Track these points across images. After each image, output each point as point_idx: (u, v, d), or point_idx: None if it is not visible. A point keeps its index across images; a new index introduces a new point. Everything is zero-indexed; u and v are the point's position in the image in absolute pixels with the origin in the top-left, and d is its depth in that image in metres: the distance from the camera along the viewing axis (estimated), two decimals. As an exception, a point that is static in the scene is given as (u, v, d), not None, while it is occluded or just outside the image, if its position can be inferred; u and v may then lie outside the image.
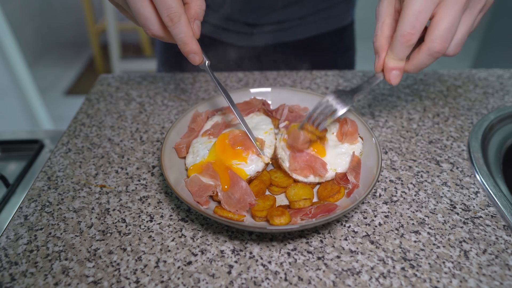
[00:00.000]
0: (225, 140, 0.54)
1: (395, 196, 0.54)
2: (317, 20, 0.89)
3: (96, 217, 0.52)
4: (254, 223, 0.48)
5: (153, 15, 0.48)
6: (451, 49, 0.50)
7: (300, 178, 0.54)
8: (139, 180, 0.58)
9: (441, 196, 0.54)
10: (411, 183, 0.56)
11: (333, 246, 0.47)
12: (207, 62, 0.54)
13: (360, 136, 0.58)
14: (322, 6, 0.87)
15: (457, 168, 0.59)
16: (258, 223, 0.48)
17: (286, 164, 0.56)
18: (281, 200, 0.53)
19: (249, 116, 0.62)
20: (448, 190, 0.55)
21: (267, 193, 0.54)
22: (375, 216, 0.51)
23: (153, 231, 0.49)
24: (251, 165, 0.53)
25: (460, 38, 0.49)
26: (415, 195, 0.54)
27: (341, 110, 0.51)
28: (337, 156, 0.55)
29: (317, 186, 0.54)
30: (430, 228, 0.49)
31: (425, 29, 0.49)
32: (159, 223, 0.51)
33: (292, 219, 0.46)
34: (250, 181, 0.53)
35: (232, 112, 0.63)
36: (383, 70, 0.52)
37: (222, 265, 0.45)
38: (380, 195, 0.54)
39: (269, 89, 0.67)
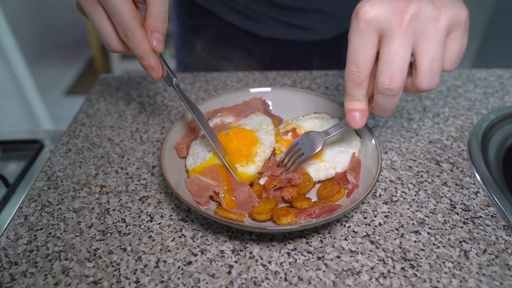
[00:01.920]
0: (226, 141, 0.54)
1: (395, 196, 0.54)
2: (337, 22, 0.90)
3: (96, 217, 0.52)
4: (254, 223, 0.48)
5: (111, 32, 0.48)
6: (423, 83, 0.42)
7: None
8: (139, 180, 0.58)
9: (441, 196, 0.54)
10: (411, 183, 0.56)
11: (333, 246, 0.47)
12: (174, 80, 0.52)
13: (358, 134, 0.58)
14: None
15: (457, 168, 0.59)
16: (258, 223, 0.48)
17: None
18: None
19: (249, 117, 0.62)
20: (448, 190, 0.55)
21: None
22: (375, 216, 0.51)
23: (153, 231, 0.49)
24: (252, 166, 0.53)
25: (427, 68, 0.41)
26: (415, 195, 0.54)
27: (311, 154, 0.52)
28: (336, 154, 0.55)
29: (317, 186, 0.54)
30: (430, 228, 0.49)
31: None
32: (159, 223, 0.51)
33: (295, 219, 0.46)
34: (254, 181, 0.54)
35: (231, 113, 0.63)
36: None
37: (222, 265, 0.45)
38: (380, 195, 0.54)
39: (269, 89, 0.67)
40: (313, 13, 0.86)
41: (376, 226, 0.50)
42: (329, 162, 0.55)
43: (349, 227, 0.50)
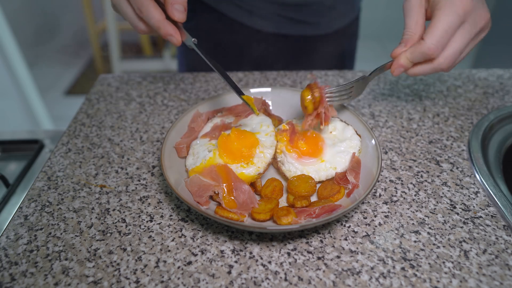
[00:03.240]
0: (227, 142, 0.54)
1: (395, 196, 0.54)
2: (337, 16, 0.92)
3: (96, 217, 0.52)
4: (254, 223, 0.48)
5: (134, 16, 0.54)
6: (449, 69, 0.56)
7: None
8: (139, 180, 0.58)
9: (441, 196, 0.54)
10: (411, 183, 0.56)
11: (333, 246, 0.47)
12: (193, 39, 0.55)
13: (357, 134, 0.58)
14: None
15: (457, 168, 0.59)
16: (258, 223, 0.48)
17: (285, 167, 0.56)
18: (281, 201, 0.53)
19: (249, 117, 0.62)
20: (448, 190, 0.55)
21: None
22: (375, 216, 0.51)
23: (153, 231, 0.49)
24: (252, 167, 0.53)
25: (459, 60, 0.55)
26: (415, 195, 0.54)
27: (352, 99, 0.58)
28: (336, 154, 0.55)
29: (318, 186, 0.54)
30: (430, 228, 0.49)
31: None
32: (159, 223, 0.51)
33: (295, 219, 0.46)
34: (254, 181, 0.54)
35: (231, 113, 0.63)
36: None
37: (222, 265, 0.45)
38: (380, 195, 0.54)
39: (269, 89, 0.67)
40: (314, 7, 0.87)
41: (376, 226, 0.50)
42: (329, 162, 0.55)
43: (349, 227, 0.50)
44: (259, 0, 0.84)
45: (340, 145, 0.56)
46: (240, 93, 0.56)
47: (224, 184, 0.50)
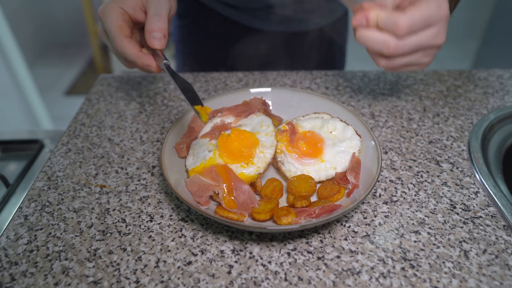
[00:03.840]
0: (227, 142, 0.54)
1: (395, 196, 0.54)
2: (328, 11, 0.93)
3: (96, 217, 0.52)
4: (254, 223, 0.48)
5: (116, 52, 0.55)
6: (390, 64, 0.56)
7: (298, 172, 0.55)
8: (139, 180, 0.58)
9: (441, 196, 0.54)
10: (411, 183, 0.56)
11: (333, 246, 0.47)
12: (164, 61, 0.55)
13: (357, 134, 0.58)
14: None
15: (457, 168, 0.59)
16: (258, 223, 0.48)
17: (285, 167, 0.56)
18: (281, 201, 0.53)
19: (249, 117, 0.62)
20: (448, 190, 0.55)
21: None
22: (375, 216, 0.51)
23: (153, 231, 0.49)
24: (252, 167, 0.53)
25: (404, 63, 0.56)
26: (415, 195, 0.54)
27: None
28: (336, 154, 0.55)
29: (318, 186, 0.54)
30: (430, 228, 0.49)
31: None
32: (159, 223, 0.51)
33: (295, 219, 0.46)
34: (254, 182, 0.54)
35: (231, 113, 0.63)
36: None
37: (222, 265, 0.45)
38: (380, 195, 0.54)
39: (269, 89, 0.67)
40: (303, 5, 0.89)
41: (376, 226, 0.50)
42: (329, 162, 0.55)
43: (349, 227, 0.50)
44: (247, 1, 0.86)
45: (340, 145, 0.56)
46: (194, 103, 0.53)
47: (224, 184, 0.50)
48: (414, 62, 0.56)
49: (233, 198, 0.49)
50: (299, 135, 0.58)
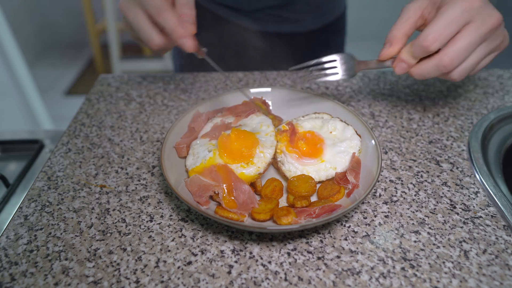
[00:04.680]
0: (227, 142, 0.54)
1: (395, 196, 0.54)
2: (323, 13, 0.93)
3: (96, 217, 0.52)
4: (254, 223, 0.48)
5: (150, 26, 0.55)
6: (457, 73, 0.52)
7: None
8: (139, 180, 0.58)
9: (441, 196, 0.54)
10: (411, 183, 0.56)
11: (333, 246, 0.47)
12: (203, 48, 0.56)
13: (357, 134, 0.58)
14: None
15: (457, 168, 0.59)
16: (258, 223, 0.48)
17: (285, 167, 0.56)
18: (282, 201, 0.53)
19: (249, 117, 0.62)
20: (448, 190, 0.55)
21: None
22: (375, 216, 0.51)
23: (153, 231, 0.49)
24: (252, 167, 0.53)
25: (469, 65, 0.51)
26: (415, 195, 0.54)
27: (341, 76, 0.55)
28: (336, 154, 0.55)
29: (318, 186, 0.54)
30: (430, 228, 0.49)
31: None
32: (159, 223, 0.51)
33: (295, 219, 0.46)
34: (254, 182, 0.54)
35: (231, 113, 0.63)
36: (393, 60, 0.56)
37: (222, 265, 0.45)
38: (380, 195, 0.54)
39: (269, 89, 0.67)
40: (300, 6, 0.89)
41: (376, 226, 0.50)
42: (329, 162, 0.55)
43: (349, 227, 0.50)
44: (243, 2, 0.86)
45: (340, 145, 0.56)
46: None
47: (224, 184, 0.50)
48: (482, 54, 0.52)
49: (233, 198, 0.49)
50: (299, 135, 0.58)
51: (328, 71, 0.56)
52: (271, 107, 0.67)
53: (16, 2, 2.99)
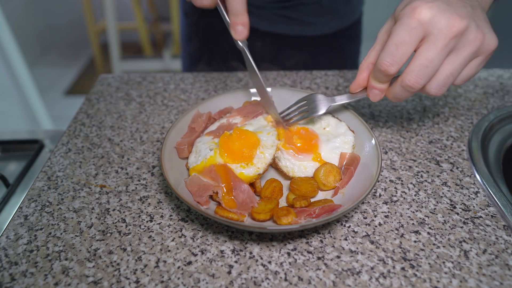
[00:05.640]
0: (228, 142, 0.54)
1: (395, 196, 0.54)
2: (336, 17, 0.91)
3: (96, 217, 0.52)
4: (254, 223, 0.48)
5: None
6: (433, 88, 0.49)
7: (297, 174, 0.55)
8: (139, 180, 0.58)
9: (441, 196, 0.54)
10: (411, 183, 0.56)
11: (333, 246, 0.47)
12: (245, 41, 0.56)
13: (350, 129, 0.58)
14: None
15: (457, 168, 0.59)
16: (258, 223, 0.48)
17: (281, 163, 0.56)
18: (281, 201, 0.53)
19: (257, 118, 0.62)
20: (448, 190, 0.55)
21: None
22: (375, 216, 0.51)
23: (153, 231, 0.49)
24: (251, 167, 0.53)
25: (443, 79, 0.48)
26: (415, 195, 0.54)
27: (316, 113, 0.56)
28: (331, 150, 0.56)
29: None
30: (430, 228, 0.49)
31: None
32: (159, 223, 0.51)
33: (295, 219, 0.46)
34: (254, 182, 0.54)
35: (239, 114, 0.63)
36: (365, 88, 0.55)
37: (222, 265, 0.45)
38: (380, 195, 0.54)
39: (269, 89, 0.67)
40: (311, 7, 0.87)
41: (376, 226, 0.50)
42: (326, 158, 0.56)
43: (349, 227, 0.50)
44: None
45: (335, 141, 0.57)
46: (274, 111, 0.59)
47: (223, 184, 0.50)
48: (456, 64, 0.47)
49: (232, 197, 0.49)
50: (294, 132, 0.58)
51: (299, 112, 0.58)
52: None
53: (16, 2, 2.99)
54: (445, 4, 0.46)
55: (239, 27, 0.52)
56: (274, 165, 0.57)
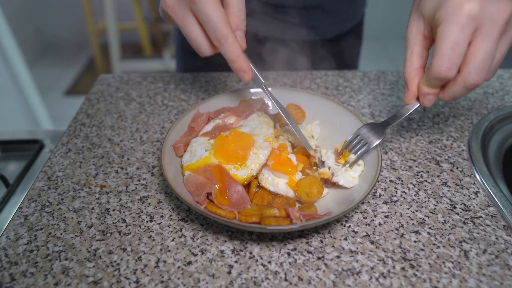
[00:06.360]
0: (224, 143, 0.54)
1: (395, 196, 0.54)
2: (339, 21, 0.90)
3: (96, 217, 0.52)
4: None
5: (202, 38, 0.51)
6: (487, 78, 0.48)
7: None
8: (139, 180, 0.58)
9: (441, 196, 0.54)
10: (411, 183, 0.56)
11: (333, 246, 0.47)
12: (263, 82, 0.56)
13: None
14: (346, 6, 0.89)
15: (457, 168, 0.59)
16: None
17: (262, 176, 0.55)
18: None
19: (249, 118, 0.62)
20: (448, 190, 0.55)
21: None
22: (375, 216, 0.51)
23: (153, 231, 0.49)
24: (245, 169, 0.53)
25: (496, 63, 0.47)
26: (415, 195, 0.54)
27: (373, 143, 0.54)
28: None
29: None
30: (430, 228, 0.49)
31: None
32: (159, 223, 0.51)
33: (296, 217, 0.46)
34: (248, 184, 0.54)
35: (232, 113, 0.63)
36: (417, 98, 0.53)
37: (222, 265, 0.45)
38: (380, 195, 0.54)
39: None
40: (313, 11, 0.86)
41: (376, 226, 0.50)
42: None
43: (349, 227, 0.50)
44: (257, 3, 0.84)
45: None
46: (309, 148, 0.57)
47: (218, 184, 0.50)
48: (506, 47, 0.47)
49: (226, 198, 0.49)
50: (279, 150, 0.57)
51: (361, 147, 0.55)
52: (270, 108, 0.67)
53: (16, 2, 2.99)
54: None
55: (240, 73, 0.53)
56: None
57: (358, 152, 0.54)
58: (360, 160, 0.55)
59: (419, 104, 0.53)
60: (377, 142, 0.53)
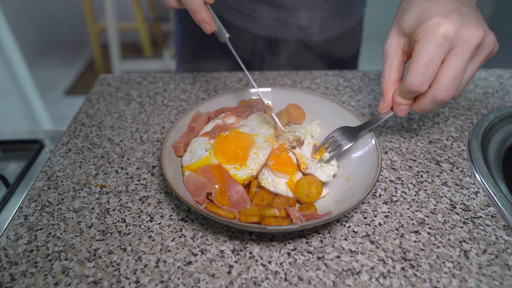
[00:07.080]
0: (224, 143, 0.54)
1: (395, 196, 0.54)
2: (337, 21, 0.90)
3: (96, 217, 0.52)
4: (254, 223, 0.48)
5: None
6: (455, 95, 0.51)
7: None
8: (139, 180, 0.58)
9: (441, 196, 0.54)
10: (411, 183, 0.56)
11: (333, 246, 0.47)
12: (226, 35, 0.56)
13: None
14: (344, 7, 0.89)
15: (457, 168, 0.59)
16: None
17: (262, 176, 0.55)
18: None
19: (249, 118, 0.62)
20: (448, 190, 0.55)
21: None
22: (375, 216, 0.51)
23: (153, 231, 0.49)
24: (245, 169, 0.53)
25: (464, 83, 0.50)
26: (415, 195, 0.54)
27: (345, 146, 0.55)
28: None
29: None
30: (430, 228, 0.49)
31: None
32: (159, 223, 0.51)
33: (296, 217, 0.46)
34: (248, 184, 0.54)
35: (233, 113, 0.63)
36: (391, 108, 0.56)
37: (222, 265, 0.45)
38: (380, 195, 0.54)
39: (269, 89, 0.67)
40: (312, 11, 0.86)
41: (376, 226, 0.50)
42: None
43: (349, 227, 0.50)
44: (255, 3, 0.84)
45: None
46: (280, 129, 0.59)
47: (218, 184, 0.50)
48: (475, 68, 0.50)
49: (226, 198, 0.49)
50: (279, 150, 0.57)
51: (333, 149, 0.56)
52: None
53: (16, 2, 2.99)
54: (459, 14, 0.47)
55: (202, 24, 0.54)
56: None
57: (331, 154, 0.55)
58: (334, 162, 0.56)
59: (392, 113, 0.56)
60: (349, 145, 0.55)
